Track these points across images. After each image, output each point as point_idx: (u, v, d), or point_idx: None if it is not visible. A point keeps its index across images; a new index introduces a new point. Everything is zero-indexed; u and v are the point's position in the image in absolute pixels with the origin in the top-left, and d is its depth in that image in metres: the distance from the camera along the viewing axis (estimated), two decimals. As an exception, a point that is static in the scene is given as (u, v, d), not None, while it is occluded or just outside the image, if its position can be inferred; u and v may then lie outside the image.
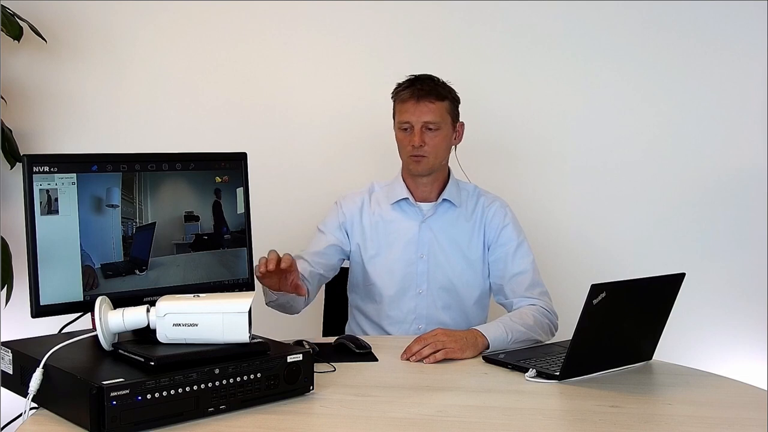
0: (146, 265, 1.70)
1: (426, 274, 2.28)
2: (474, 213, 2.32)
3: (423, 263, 2.28)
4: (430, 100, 2.20)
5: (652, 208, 2.98)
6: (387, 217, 2.31)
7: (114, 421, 1.36)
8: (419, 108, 2.20)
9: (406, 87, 2.24)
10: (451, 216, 2.30)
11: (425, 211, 2.30)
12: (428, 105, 2.20)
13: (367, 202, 2.34)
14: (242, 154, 1.87)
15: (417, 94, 2.20)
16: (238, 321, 1.52)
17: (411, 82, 2.24)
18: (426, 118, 2.20)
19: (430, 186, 2.29)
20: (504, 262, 2.27)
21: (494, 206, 2.32)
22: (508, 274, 2.26)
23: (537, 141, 2.99)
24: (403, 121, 2.22)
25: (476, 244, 2.30)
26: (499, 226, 2.29)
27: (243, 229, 1.85)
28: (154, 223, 1.71)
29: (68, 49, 2.98)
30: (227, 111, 2.99)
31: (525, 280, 2.24)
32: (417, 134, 2.19)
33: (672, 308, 1.89)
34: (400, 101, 2.24)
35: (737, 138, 2.95)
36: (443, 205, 2.30)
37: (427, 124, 2.20)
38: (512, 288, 2.25)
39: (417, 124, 2.20)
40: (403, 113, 2.22)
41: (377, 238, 2.30)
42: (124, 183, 1.67)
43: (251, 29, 2.98)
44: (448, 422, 1.53)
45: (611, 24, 2.93)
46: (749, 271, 2.95)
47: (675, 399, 1.70)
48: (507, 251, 2.28)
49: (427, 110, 2.20)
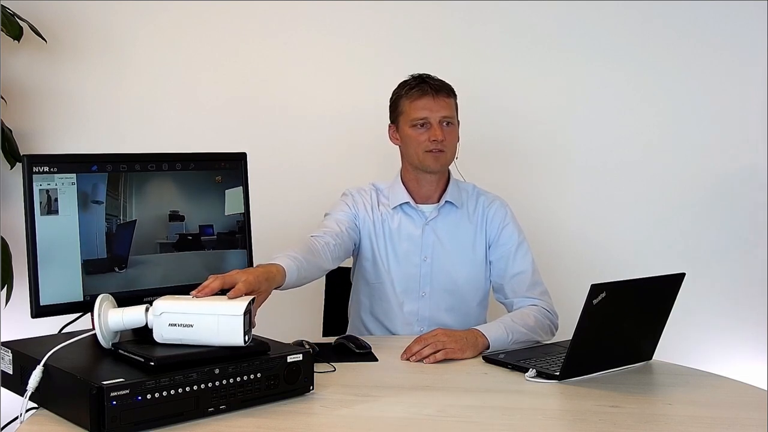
0: (125, 263, 1.69)
1: (429, 277, 2.27)
2: (475, 213, 2.31)
3: (426, 266, 2.27)
4: (446, 95, 2.21)
5: (652, 208, 2.98)
6: (387, 220, 2.30)
7: (114, 421, 1.36)
8: (437, 103, 2.19)
9: (416, 84, 2.22)
10: (454, 217, 2.29)
11: (428, 214, 2.28)
12: (445, 100, 2.20)
13: (375, 200, 2.32)
14: (242, 154, 1.87)
15: (433, 89, 2.19)
16: (233, 324, 1.52)
17: (421, 79, 2.23)
18: (444, 112, 2.19)
19: (435, 185, 2.28)
20: (505, 262, 2.27)
21: (494, 206, 2.31)
22: (508, 273, 2.26)
23: (537, 141, 2.99)
24: (418, 117, 2.19)
25: (480, 244, 2.29)
26: (499, 226, 2.29)
27: (231, 231, 1.84)
28: (134, 220, 1.70)
29: (68, 49, 2.98)
30: (227, 111, 2.99)
31: (526, 280, 2.24)
32: (437, 128, 2.18)
33: (672, 308, 1.89)
34: (412, 99, 2.21)
35: (737, 138, 2.95)
36: (446, 207, 2.29)
37: (445, 119, 2.20)
38: (513, 288, 2.25)
39: (435, 119, 2.18)
40: (419, 110, 2.19)
41: (382, 238, 2.29)
42: (114, 182, 1.66)
43: (251, 29, 2.98)
44: (448, 422, 1.53)
45: (611, 24, 2.93)
46: (749, 271, 2.95)
47: (675, 399, 1.70)
48: (508, 251, 2.27)
49: (444, 104, 2.20)
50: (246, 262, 1.87)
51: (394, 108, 2.27)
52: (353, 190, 2.35)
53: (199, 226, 1.80)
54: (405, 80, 2.27)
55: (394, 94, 2.28)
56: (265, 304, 2.11)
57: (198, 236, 1.80)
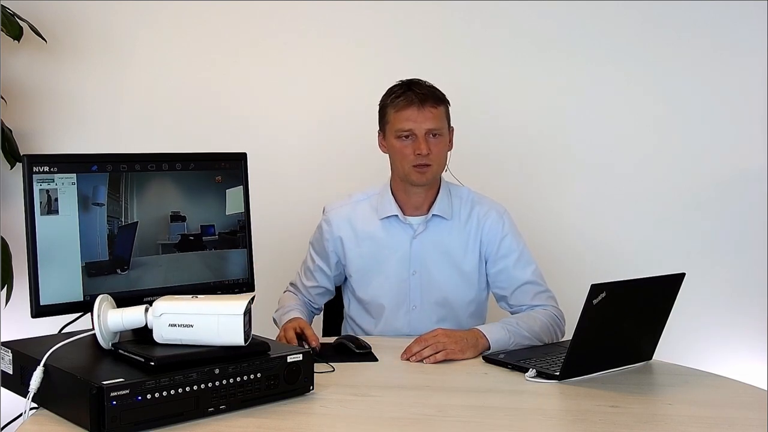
0: (128, 265, 1.69)
1: (419, 290, 2.22)
2: (468, 223, 2.21)
3: (415, 279, 2.21)
4: (433, 105, 2.09)
5: (652, 208, 2.98)
6: (375, 233, 2.22)
7: (114, 421, 1.36)
8: (422, 114, 2.08)
9: (402, 93, 2.11)
10: (442, 229, 2.21)
11: (415, 227, 2.20)
12: (431, 110, 2.09)
13: (354, 215, 2.25)
14: (242, 155, 1.87)
15: (419, 99, 2.08)
16: (234, 323, 1.51)
17: (407, 87, 2.12)
18: (430, 124, 2.08)
19: (424, 195, 2.18)
20: (507, 273, 2.20)
21: (491, 217, 2.21)
22: (512, 285, 2.20)
23: (537, 142, 2.99)
24: (403, 129, 2.09)
25: (471, 255, 2.22)
26: (497, 238, 2.21)
27: (233, 230, 1.84)
28: (136, 222, 1.70)
29: (68, 49, 2.98)
30: (227, 111, 2.99)
31: (531, 289, 2.19)
32: (422, 142, 2.07)
33: (672, 308, 1.89)
34: (397, 109, 2.10)
35: (737, 138, 2.95)
36: (434, 220, 2.19)
37: (431, 131, 2.09)
38: (518, 298, 2.20)
39: (421, 131, 2.08)
40: (403, 121, 2.09)
41: (367, 255, 2.23)
42: (115, 182, 1.66)
43: (251, 29, 2.98)
44: (448, 422, 1.53)
45: (611, 25, 2.93)
46: (749, 271, 2.95)
47: (675, 399, 1.70)
48: (508, 263, 2.20)
49: (430, 116, 2.08)
50: (246, 261, 1.86)
51: (382, 116, 2.18)
52: (332, 211, 2.26)
53: (201, 226, 1.80)
54: (392, 87, 2.16)
55: (381, 101, 2.18)
56: (265, 304, 2.13)
57: (200, 236, 1.79)
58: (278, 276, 2.40)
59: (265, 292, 2.03)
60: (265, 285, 2.02)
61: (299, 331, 1.98)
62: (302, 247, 2.38)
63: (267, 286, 2.11)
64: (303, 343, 1.94)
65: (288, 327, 2.00)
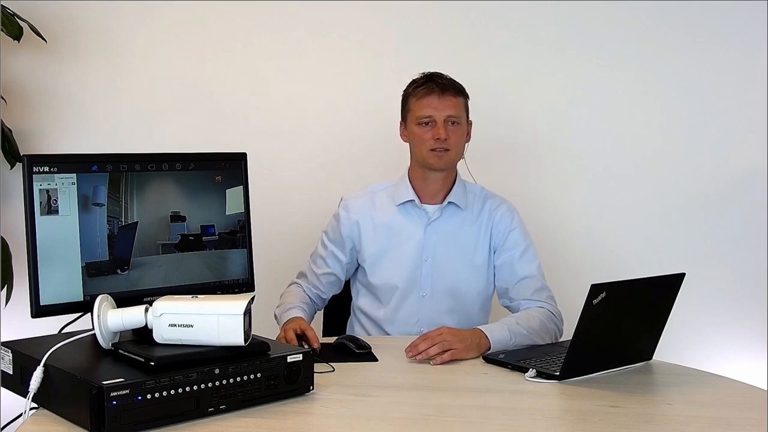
0: (128, 265, 1.69)
1: (430, 278, 2.26)
2: (480, 216, 2.29)
3: (427, 266, 2.26)
4: (452, 94, 2.20)
5: (652, 208, 2.98)
6: (392, 220, 2.29)
7: (114, 421, 1.36)
8: (443, 102, 2.18)
9: (424, 82, 2.22)
10: (456, 219, 2.28)
11: (431, 214, 2.27)
12: (451, 99, 2.19)
13: (371, 204, 2.31)
14: (242, 155, 1.87)
15: (440, 88, 2.19)
16: (234, 323, 1.51)
17: (429, 78, 2.23)
18: (449, 111, 2.19)
19: (441, 184, 2.26)
20: (510, 266, 2.25)
21: (501, 210, 2.29)
22: (514, 278, 2.24)
23: (540, 142, 2.99)
24: (424, 115, 2.19)
25: (482, 248, 2.28)
26: (506, 231, 2.27)
27: (233, 230, 1.84)
28: (136, 222, 1.70)
29: (68, 49, 2.98)
30: (227, 111, 2.99)
31: (532, 285, 2.22)
32: (441, 127, 2.17)
33: (672, 308, 1.89)
34: (418, 97, 2.21)
35: (737, 138, 2.94)
36: (449, 208, 2.28)
37: (450, 118, 2.19)
38: (518, 292, 2.23)
39: (440, 117, 2.18)
40: (424, 108, 2.19)
41: (382, 241, 2.28)
42: (115, 182, 1.66)
43: (251, 29, 2.98)
44: (448, 422, 1.53)
45: (611, 25, 2.93)
46: (750, 271, 2.95)
47: (675, 399, 1.70)
48: (513, 255, 2.25)
49: (450, 104, 2.19)
50: (246, 261, 1.87)
51: (404, 105, 2.27)
52: (350, 199, 2.33)
53: (201, 226, 1.80)
54: (415, 78, 2.27)
55: (403, 92, 2.28)
56: (265, 304, 2.13)
57: (200, 236, 1.80)
58: (278, 276, 2.41)
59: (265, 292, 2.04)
60: (265, 285, 2.03)
61: (300, 332, 1.99)
62: (302, 247, 2.38)
63: (267, 286, 2.12)
64: (303, 344, 1.94)
65: (288, 328, 2.01)
